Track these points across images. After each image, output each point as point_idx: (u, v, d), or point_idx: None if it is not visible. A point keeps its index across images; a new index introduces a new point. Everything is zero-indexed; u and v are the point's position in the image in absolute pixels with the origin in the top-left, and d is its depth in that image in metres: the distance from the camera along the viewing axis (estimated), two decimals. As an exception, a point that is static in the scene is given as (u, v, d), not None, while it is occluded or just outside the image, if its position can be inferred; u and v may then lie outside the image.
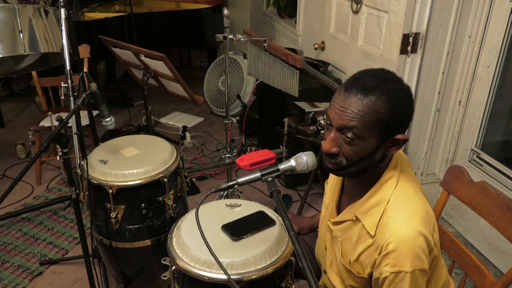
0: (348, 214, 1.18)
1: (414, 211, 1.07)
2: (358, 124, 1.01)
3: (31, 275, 2.25)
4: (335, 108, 1.05)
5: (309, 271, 0.92)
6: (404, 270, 1.03)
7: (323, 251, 1.33)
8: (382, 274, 1.06)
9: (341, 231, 1.21)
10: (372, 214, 1.11)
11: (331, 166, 1.11)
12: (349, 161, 1.07)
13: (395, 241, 1.03)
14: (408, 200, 1.10)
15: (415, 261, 1.03)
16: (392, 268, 1.04)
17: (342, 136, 1.05)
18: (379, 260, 1.07)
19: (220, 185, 1.10)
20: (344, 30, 2.73)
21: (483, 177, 2.27)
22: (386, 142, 1.07)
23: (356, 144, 1.04)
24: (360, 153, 1.05)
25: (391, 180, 1.11)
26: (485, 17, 2.17)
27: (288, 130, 2.41)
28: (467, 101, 2.36)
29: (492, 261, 2.25)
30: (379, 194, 1.11)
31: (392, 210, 1.08)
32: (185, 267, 1.19)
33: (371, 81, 1.02)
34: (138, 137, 2.08)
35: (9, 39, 1.74)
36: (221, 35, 2.30)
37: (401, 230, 1.04)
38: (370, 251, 1.11)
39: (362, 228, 1.13)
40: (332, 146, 1.06)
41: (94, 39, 3.35)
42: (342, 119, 1.03)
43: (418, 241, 1.03)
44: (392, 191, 1.10)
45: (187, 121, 3.87)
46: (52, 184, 3.03)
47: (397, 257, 1.03)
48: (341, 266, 1.22)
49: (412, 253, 1.02)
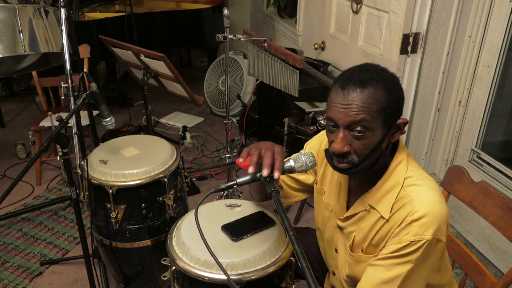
0: (360, 205, 1.18)
1: (433, 186, 1.10)
2: (366, 116, 1.03)
3: (31, 275, 2.25)
4: (337, 107, 1.05)
5: (308, 271, 0.92)
6: (424, 238, 1.03)
7: (333, 254, 1.32)
8: (400, 243, 1.06)
9: (354, 224, 1.20)
10: (387, 199, 1.11)
11: (343, 166, 1.10)
12: (361, 157, 1.08)
13: (422, 210, 1.04)
14: (424, 177, 1.12)
15: (437, 230, 1.04)
16: (414, 237, 1.04)
17: (351, 133, 1.06)
18: (397, 231, 1.07)
19: (219, 186, 1.10)
20: (344, 30, 2.73)
21: (483, 177, 2.27)
22: (390, 129, 1.08)
23: (366, 137, 1.05)
24: (370, 145, 1.06)
25: (401, 164, 1.13)
26: (485, 17, 2.17)
27: (288, 130, 2.41)
28: (467, 101, 2.35)
29: (492, 261, 2.25)
30: (392, 179, 1.12)
31: (411, 187, 1.09)
32: (185, 267, 1.19)
33: (365, 74, 1.05)
34: (138, 137, 2.08)
35: (9, 39, 1.74)
36: (221, 35, 2.30)
37: (426, 200, 1.06)
38: (384, 230, 1.11)
39: (376, 214, 1.13)
40: (344, 145, 1.06)
41: (94, 39, 3.35)
42: (349, 116, 1.04)
43: (441, 212, 1.05)
44: (404, 173, 1.11)
45: (187, 121, 3.87)
46: (52, 184, 3.03)
47: (422, 225, 1.03)
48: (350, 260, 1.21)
49: (436, 222, 1.04)
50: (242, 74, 3.80)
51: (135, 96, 4.27)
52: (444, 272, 1.24)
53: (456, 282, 1.35)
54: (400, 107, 1.09)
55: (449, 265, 1.28)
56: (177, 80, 2.48)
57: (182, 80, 2.47)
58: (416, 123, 2.46)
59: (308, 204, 2.76)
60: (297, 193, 1.42)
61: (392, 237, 1.08)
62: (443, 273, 1.24)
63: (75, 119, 1.65)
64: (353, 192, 1.24)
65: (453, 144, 2.50)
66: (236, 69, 3.84)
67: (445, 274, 1.25)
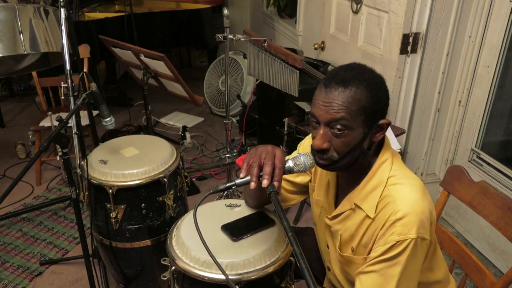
0: (346, 204, 1.19)
1: (415, 184, 1.11)
2: (345, 115, 1.04)
3: (31, 275, 2.25)
4: (319, 105, 1.08)
5: (308, 272, 0.92)
6: (409, 237, 1.04)
7: (325, 249, 1.35)
8: (386, 243, 1.07)
9: (340, 223, 1.21)
10: (371, 197, 1.12)
11: (323, 162, 1.12)
12: (340, 154, 1.09)
13: (403, 209, 1.05)
14: (407, 175, 1.13)
15: (420, 228, 1.05)
16: (398, 237, 1.05)
17: (331, 130, 1.07)
18: (382, 232, 1.08)
19: (217, 187, 1.10)
20: (344, 30, 2.73)
21: (483, 177, 2.27)
22: (372, 129, 1.10)
23: (345, 135, 1.06)
24: (349, 144, 1.08)
25: (385, 163, 1.14)
26: (485, 17, 2.17)
27: (288, 130, 2.41)
28: (467, 101, 2.35)
29: (492, 261, 2.25)
30: (376, 178, 1.13)
31: (394, 186, 1.11)
32: (185, 267, 1.19)
33: (348, 74, 1.07)
34: (138, 137, 2.08)
35: (9, 39, 1.74)
36: (221, 35, 2.30)
37: (407, 199, 1.07)
38: (371, 230, 1.12)
39: (362, 213, 1.14)
40: (323, 142, 1.08)
41: (94, 39, 3.35)
42: (329, 113, 1.05)
43: (423, 210, 1.06)
44: (388, 172, 1.13)
45: (187, 121, 3.87)
46: (52, 184, 3.03)
47: (405, 224, 1.04)
48: (341, 260, 1.23)
49: (419, 221, 1.04)
50: (242, 74, 3.80)
51: (135, 96, 4.27)
52: (438, 269, 1.25)
53: (453, 278, 1.35)
54: (382, 108, 1.10)
55: (443, 262, 1.28)
56: (177, 80, 2.48)
57: (182, 80, 2.47)
58: (416, 123, 2.46)
59: (308, 204, 2.76)
60: (295, 195, 1.43)
61: (379, 238, 1.10)
62: (437, 270, 1.24)
63: (75, 119, 1.65)
64: (340, 190, 1.26)
65: (453, 144, 2.50)
66: (236, 69, 3.84)
67: (439, 270, 1.25)
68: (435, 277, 1.25)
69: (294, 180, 1.39)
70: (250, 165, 1.10)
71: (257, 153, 1.11)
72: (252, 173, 1.08)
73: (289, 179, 1.39)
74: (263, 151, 1.12)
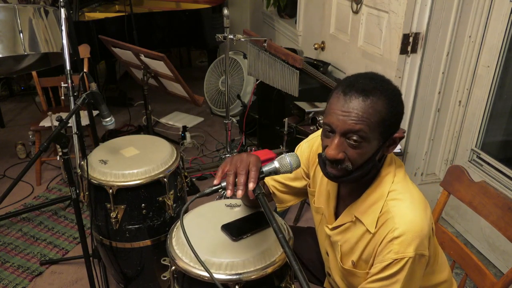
0: (347, 216, 1.17)
1: (416, 199, 1.09)
2: (364, 127, 1.01)
3: (31, 275, 2.25)
4: (337, 114, 1.03)
5: (300, 274, 0.91)
6: (407, 255, 1.03)
7: (325, 256, 1.34)
8: (383, 261, 1.06)
9: (340, 234, 1.20)
10: (372, 211, 1.11)
11: (336, 173, 1.08)
12: (354, 165, 1.06)
13: (401, 227, 1.03)
14: (408, 190, 1.11)
15: (419, 246, 1.03)
16: (396, 255, 1.04)
17: (347, 141, 1.04)
18: (380, 249, 1.07)
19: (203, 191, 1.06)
20: (344, 30, 2.73)
21: (483, 177, 2.27)
22: (386, 142, 1.07)
23: (362, 147, 1.03)
24: (365, 156, 1.05)
25: (388, 176, 1.12)
26: (485, 17, 2.17)
27: (288, 130, 2.41)
28: (467, 101, 2.35)
29: (492, 261, 2.25)
30: (377, 192, 1.11)
31: (393, 201, 1.09)
32: (185, 267, 1.19)
33: (369, 84, 1.03)
34: (138, 137, 2.08)
35: (9, 39, 1.74)
36: (221, 35, 2.30)
37: (406, 217, 1.05)
38: (371, 246, 1.11)
39: (362, 227, 1.13)
40: (338, 152, 1.04)
41: (94, 39, 3.35)
42: (347, 124, 1.02)
43: (422, 227, 1.04)
44: (389, 186, 1.11)
45: (187, 121, 3.87)
46: (52, 184, 3.03)
47: (402, 242, 1.03)
48: (343, 271, 1.22)
49: (417, 239, 1.03)
50: (242, 74, 3.80)
51: (135, 96, 4.27)
52: (440, 272, 1.24)
53: (455, 282, 1.35)
54: (398, 121, 1.08)
55: (446, 264, 1.28)
56: (177, 80, 2.49)
57: (182, 80, 2.47)
58: (416, 123, 2.46)
59: (308, 204, 2.76)
60: (290, 197, 1.41)
61: (377, 255, 1.08)
62: (440, 273, 1.24)
63: (75, 119, 1.65)
64: (341, 200, 1.23)
65: (453, 144, 2.50)
66: (236, 69, 3.84)
67: (442, 273, 1.25)
68: (438, 279, 1.24)
69: (289, 183, 1.37)
70: (226, 173, 1.07)
71: (233, 162, 1.08)
72: (228, 181, 1.05)
73: (284, 182, 1.37)
74: (237, 159, 1.08)
